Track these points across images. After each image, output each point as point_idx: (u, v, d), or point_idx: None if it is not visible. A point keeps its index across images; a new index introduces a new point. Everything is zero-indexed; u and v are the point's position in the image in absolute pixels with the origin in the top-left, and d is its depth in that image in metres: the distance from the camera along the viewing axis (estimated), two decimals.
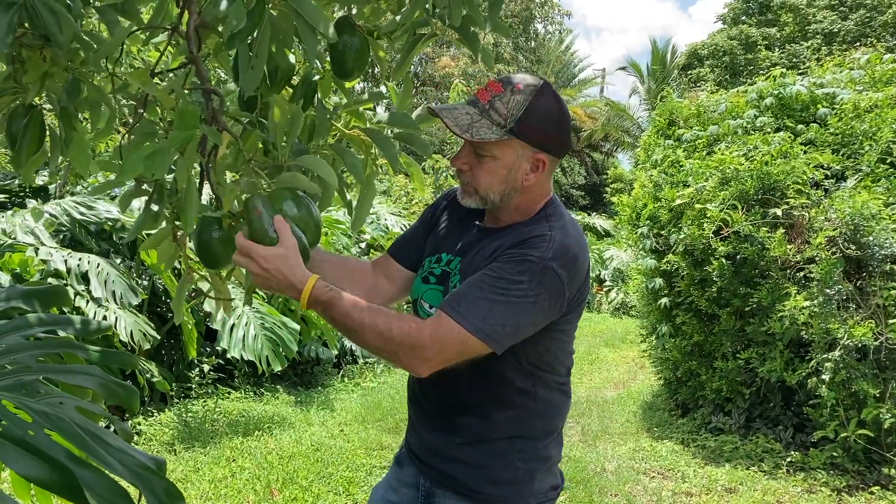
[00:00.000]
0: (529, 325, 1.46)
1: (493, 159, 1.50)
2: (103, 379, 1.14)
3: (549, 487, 1.63)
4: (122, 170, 1.25)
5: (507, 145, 1.49)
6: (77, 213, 4.99)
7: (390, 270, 1.80)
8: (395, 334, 1.39)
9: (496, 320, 1.40)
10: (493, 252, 1.52)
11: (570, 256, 1.47)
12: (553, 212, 1.58)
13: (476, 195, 1.54)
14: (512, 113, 1.46)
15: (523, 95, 1.47)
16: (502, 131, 1.46)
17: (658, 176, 5.91)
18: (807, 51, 16.68)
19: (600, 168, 26.70)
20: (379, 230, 8.66)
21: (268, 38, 1.39)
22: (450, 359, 1.45)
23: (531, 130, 1.48)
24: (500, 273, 1.43)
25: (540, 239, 1.48)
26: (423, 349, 1.40)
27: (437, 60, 24.06)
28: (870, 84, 5.73)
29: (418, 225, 1.83)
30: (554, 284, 1.44)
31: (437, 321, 1.42)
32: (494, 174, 1.51)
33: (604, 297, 14.53)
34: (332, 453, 4.65)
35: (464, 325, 1.39)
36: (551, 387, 1.60)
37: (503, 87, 1.49)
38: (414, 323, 1.42)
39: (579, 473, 4.53)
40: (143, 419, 4.83)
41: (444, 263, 1.65)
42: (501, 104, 1.47)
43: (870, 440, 4.39)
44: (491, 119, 1.47)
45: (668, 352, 5.85)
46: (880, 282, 4.43)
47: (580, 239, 1.55)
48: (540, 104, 1.48)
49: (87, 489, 0.80)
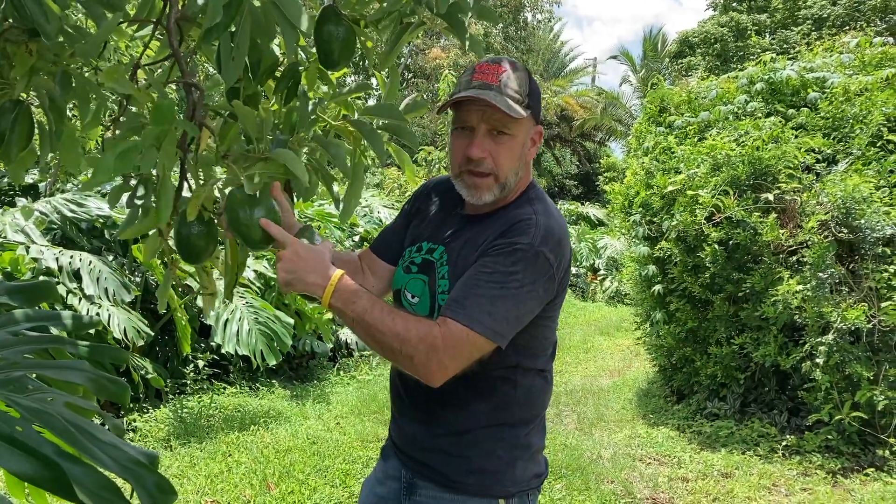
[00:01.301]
0: (528, 313, 1.46)
1: (511, 138, 1.51)
2: (93, 374, 1.13)
3: (531, 476, 1.61)
4: (95, 170, 1.24)
5: (521, 122, 1.51)
6: (68, 210, 4.97)
7: (374, 265, 1.78)
8: (412, 336, 1.36)
9: (500, 315, 1.39)
10: (483, 244, 1.50)
11: (556, 240, 1.47)
12: (535, 195, 1.58)
13: (495, 184, 1.52)
14: (523, 89, 1.50)
15: (523, 73, 1.51)
16: (521, 107, 1.49)
17: (650, 163, 5.91)
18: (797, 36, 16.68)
19: (593, 157, 26.70)
20: (372, 223, 8.65)
21: (248, 31, 1.37)
22: (463, 362, 1.42)
23: (535, 104, 1.53)
24: (493, 267, 1.42)
25: (526, 224, 1.47)
26: (437, 353, 1.36)
27: (427, 52, 23.97)
28: (859, 68, 5.73)
29: (399, 218, 1.81)
30: (545, 269, 1.44)
31: (445, 325, 1.38)
32: (513, 152, 1.52)
33: (598, 286, 14.54)
34: (329, 446, 4.65)
35: (471, 326, 1.37)
36: (532, 374, 1.58)
37: (503, 66, 1.50)
38: (428, 326, 1.38)
39: (575, 461, 4.54)
40: (139, 416, 4.82)
41: (424, 252, 1.63)
42: (512, 81, 1.49)
43: (864, 422, 4.41)
44: (510, 97, 1.47)
45: (662, 338, 5.87)
46: (872, 264, 4.44)
47: (562, 222, 1.55)
48: (532, 79, 1.54)
49: (76, 484, 0.79)
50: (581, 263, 14.73)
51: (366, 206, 9.02)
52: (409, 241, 1.72)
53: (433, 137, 20.02)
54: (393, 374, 1.72)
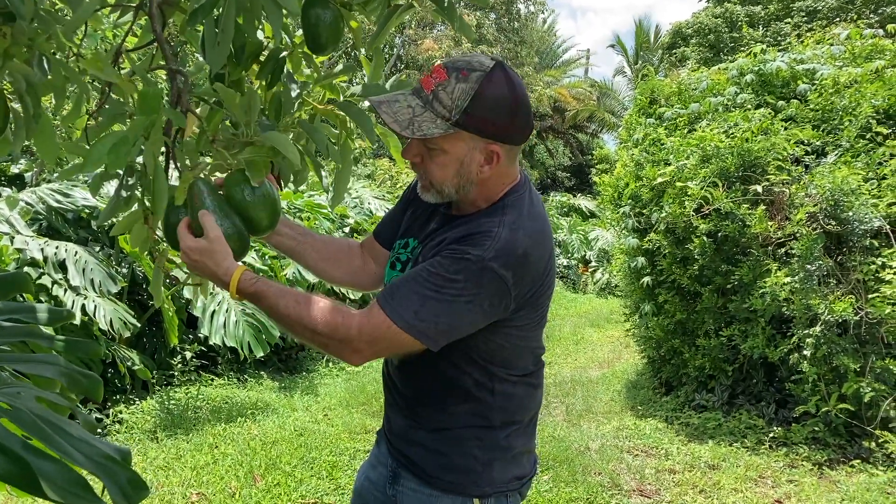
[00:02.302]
0: (467, 324, 1.40)
1: (442, 153, 1.40)
2: (66, 368, 1.11)
3: (511, 478, 1.57)
4: (85, 161, 1.21)
5: (456, 138, 1.38)
6: (53, 200, 4.92)
7: (375, 252, 1.78)
8: (321, 328, 1.37)
9: (427, 317, 1.35)
10: (440, 244, 1.46)
11: (518, 255, 1.38)
12: (512, 202, 1.47)
13: (432, 188, 1.46)
14: (457, 104, 1.34)
15: (468, 83, 1.34)
16: (447, 124, 1.35)
17: (639, 155, 5.90)
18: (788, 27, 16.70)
19: (585, 149, 26.71)
20: (362, 214, 8.61)
21: (233, 14, 1.35)
22: (382, 351, 1.44)
23: (479, 121, 1.36)
24: (437, 269, 1.37)
25: (483, 236, 1.38)
26: (351, 342, 1.38)
27: (419, 43, 23.89)
28: (850, 60, 5.73)
29: (399, 205, 1.78)
30: (494, 284, 1.36)
31: (369, 313, 1.38)
32: (446, 168, 1.42)
33: (589, 278, 14.57)
34: (316, 438, 4.63)
35: (394, 319, 1.35)
36: (512, 381, 1.54)
37: (447, 74, 1.36)
38: (342, 316, 1.38)
39: (563, 452, 4.54)
40: (125, 407, 4.79)
41: (409, 250, 1.60)
42: (445, 94, 1.35)
43: (850, 414, 4.43)
44: (434, 111, 1.36)
45: (651, 330, 5.87)
46: (860, 257, 4.45)
47: (534, 233, 1.44)
48: (488, 91, 1.35)
49: (44, 480, 0.77)
50: (572, 255, 14.75)
51: (356, 197, 8.98)
52: (400, 233, 1.69)
53: None
54: (383, 367, 1.71)
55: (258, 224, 1.42)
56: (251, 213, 1.40)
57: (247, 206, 1.39)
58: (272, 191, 1.41)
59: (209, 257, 1.37)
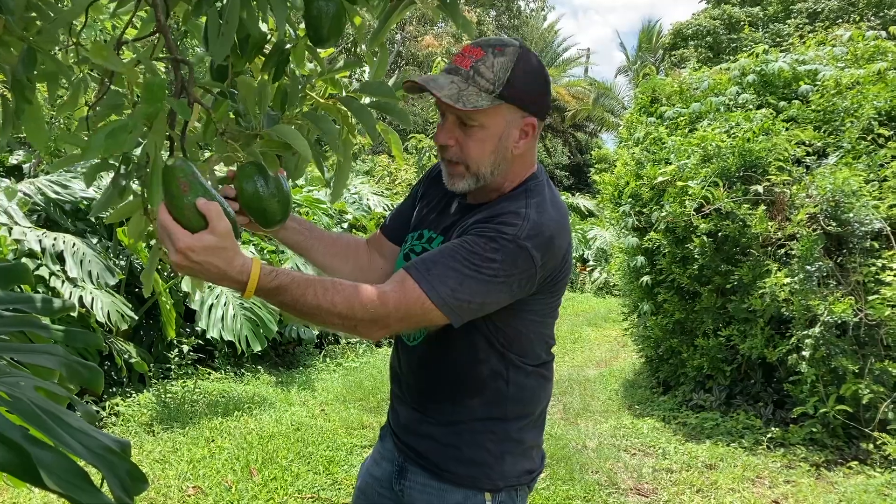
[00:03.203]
0: (494, 303, 1.40)
1: (481, 128, 1.41)
2: (66, 359, 1.10)
3: (522, 471, 1.57)
4: (85, 149, 1.20)
5: (496, 112, 1.40)
6: (52, 192, 4.90)
7: (383, 247, 1.76)
8: (357, 310, 1.29)
9: (463, 295, 1.34)
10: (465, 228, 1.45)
11: (546, 237, 1.39)
12: (534, 187, 1.49)
13: (467, 174, 1.45)
14: (499, 77, 1.37)
15: (506, 57, 1.39)
16: (491, 97, 1.37)
17: (640, 153, 5.89)
18: (790, 29, 16.71)
19: (584, 148, 26.71)
20: (361, 210, 8.61)
21: (238, 5, 1.34)
22: (409, 326, 1.42)
23: (520, 93, 1.40)
24: (473, 247, 1.35)
25: (514, 216, 1.40)
26: (386, 318, 1.32)
27: (420, 39, 23.88)
28: (852, 61, 5.73)
29: (408, 200, 1.78)
30: (527, 264, 1.37)
31: (402, 287, 1.33)
32: (485, 144, 1.42)
33: (587, 277, 14.58)
34: (313, 433, 4.63)
35: (430, 295, 1.32)
36: (526, 371, 1.54)
37: (484, 51, 1.39)
38: (373, 293, 1.31)
39: (560, 451, 4.54)
40: (122, 400, 4.78)
41: (424, 240, 1.60)
42: (486, 68, 1.38)
43: (848, 416, 4.42)
44: (478, 85, 1.37)
45: (649, 329, 5.87)
46: (860, 258, 4.45)
47: (559, 219, 1.46)
48: (525, 64, 1.40)
49: (43, 470, 0.76)
50: None
51: (355, 193, 8.98)
52: (413, 225, 1.69)
53: (424, 125, 19.96)
54: (393, 360, 1.70)
55: (272, 217, 1.38)
56: (265, 206, 1.34)
57: (261, 199, 1.34)
58: (285, 183, 1.39)
59: (218, 256, 1.18)
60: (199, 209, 1.16)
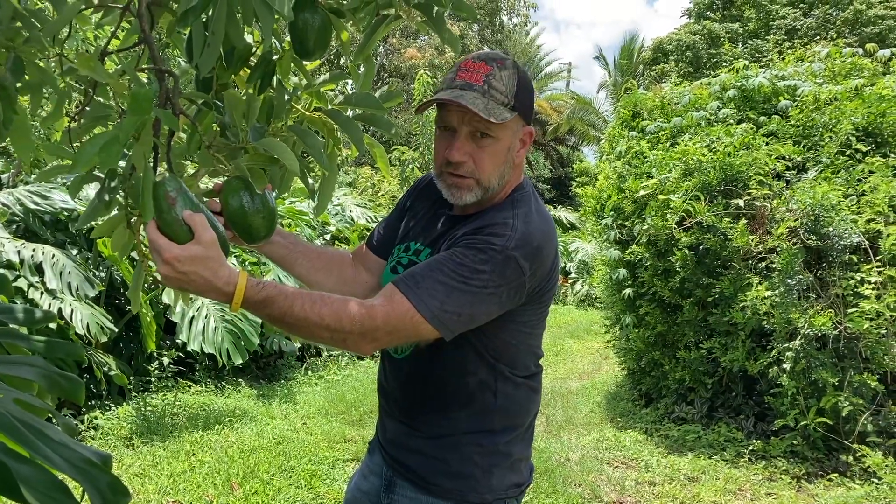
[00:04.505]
0: (484, 315, 1.40)
1: (495, 141, 1.44)
2: (46, 370, 1.08)
3: (510, 484, 1.57)
4: (75, 161, 1.18)
5: (507, 124, 1.43)
6: (31, 202, 4.85)
7: (368, 261, 1.75)
8: (345, 324, 1.29)
9: (452, 308, 1.34)
10: (454, 239, 1.46)
11: (534, 247, 1.41)
12: (520, 197, 1.51)
13: (476, 187, 1.46)
14: (510, 88, 1.42)
15: (509, 70, 1.43)
16: (507, 109, 1.41)
17: (622, 167, 5.93)
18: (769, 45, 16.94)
19: (566, 161, 26.85)
20: (344, 222, 8.59)
21: (224, 16, 1.33)
22: (398, 340, 1.41)
23: (526, 104, 1.45)
24: (462, 259, 1.36)
25: (502, 227, 1.41)
26: (375, 332, 1.31)
27: (403, 52, 23.95)
28: (830, 77, 5.81)
29: (394, 214, 1.77)
30: (515, 275, 1.38)
31: (390, 301, 1.33)
32: (497, 157, 1.45)
33: (569, 290, 14.62)
34: (295, 447, 4.59)
35: (419, 308, 1.32)
36: (515, 382, 1.54)
37: (489, 65, 1.43)
38: (362, 307, 1.31)
39: (543, 464, 4.53)
40: (101, 413, 4.72)
41: (411, 252, 1.59)
42: (497, 82, 1.41)
43: (828, 428, 4.46)
44: (495, 99, 1.40)
45: (631, 342, 5.89)
46: (839, 272, 4.49)
47: (546, 229, 1.48)
48: (523, 76, 1.46)
49: (23, 484, 0.75)
50: None
51: (338, 205, 8.96)
52: (399, 238, 1.68)
53: (407, 137, 19.99)
54: (381, 374, 1.69)
55: (256, 233, 1.37)
56: (250, 222, 1.33)
57: (246, 215, 1.33)
58: (271, 199, 1.38)
59: (204, 266, 1.19)
60: (186, 221, 1.18)
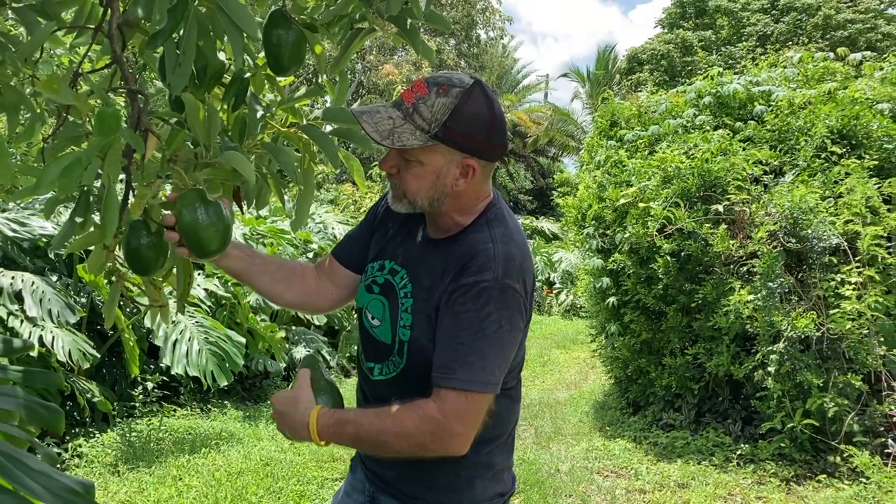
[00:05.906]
0: (512, 349, 1.43)
1: (419, 164, 1.42)
2: (25, 400, 1.06)
3: (494, 494, 1.58)
4: (37, 184, 1.17)
5: (433, 150, 1.41)
6: (9, 230, 4.79)
7: (334, 273, 1.72)
8: (411, 429, 1.36)
9: (490, 365, 1.37)
10: (443, 273, 1.45)
11: (517, 265, 1.42)
12: (494, 216, 1.50)
13: (405, 199, 1.47)
14: (436, 117, 1.37)
15: (449, 98, 1.38)
16: (426, 136, 1.38)
17: (602, 176, 5.96)
18: (742, 52, 17.14)
19: (546, 172, 26.97)
20: (326, 240, 8.56)
21: (195, 36, 1.33)
22: (476, 424, 1.40)
23: (457, 135, 1.39)
24: (466, 315, 1.38)
25: (484, 256, 1.41)
26: (445, 427, 1.35)
27: (380, 68, 24.00)
28: (803, 82, 5.89)
29: (362, 225, 1.74)
30: (515, 299, 1.40)
31: (443, 398, 1.36)
32: (422, 179, 1.43)
33: (554, 300, 14.62)
34: (283, 467, 4.55)
35: (469, 389, 1.35)
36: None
37: (428, 89, 1.39)
38: (420, 409, 1.37)
39: (533, 475, 4.52)
40: (85, 441, 4.65)
41: (386, 272, 1.57)
42: (426, 108, 1.38)
43: (815, 429, 4.48)
44: (414, 123, 1.38)
45: (617, 350, 5.90)
46: (820, 273, 4.53)
47: (522, 244, 1.49)
48: (467, 107, 1.38)
49: None
50: (537, 277, 14.78)
51: (320, 223, 8.93)
52: (372, 254, 1.66)
53: None
54: (359, 391, 1.68)
55: (207, 246, 1.37)
56: (201, 235, 1.34)
57: (197, 227, 1.34)
58: (226, 213, 1.37)
59: (294, 406, 1.47)
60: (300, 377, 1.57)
